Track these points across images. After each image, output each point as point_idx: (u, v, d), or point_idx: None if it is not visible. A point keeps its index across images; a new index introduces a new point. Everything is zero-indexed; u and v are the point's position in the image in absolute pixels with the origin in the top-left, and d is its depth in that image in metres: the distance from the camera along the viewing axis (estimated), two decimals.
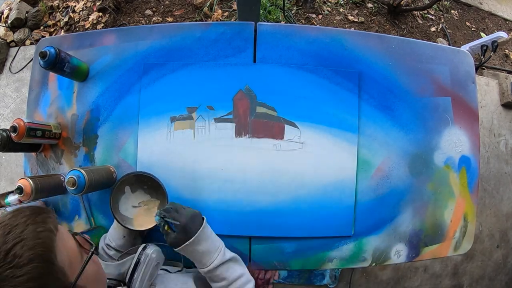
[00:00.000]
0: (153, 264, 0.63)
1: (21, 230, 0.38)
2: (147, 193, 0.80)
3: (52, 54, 0.77)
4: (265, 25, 0.87)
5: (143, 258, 0.63)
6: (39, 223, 0.40)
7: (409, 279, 1.79)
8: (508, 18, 2.50)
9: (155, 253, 0.64)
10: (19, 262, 0.36)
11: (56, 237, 0.41)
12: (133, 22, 1.99)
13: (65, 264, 0.41)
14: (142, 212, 0.78)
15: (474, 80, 0.94)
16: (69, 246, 0.43)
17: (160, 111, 0.85)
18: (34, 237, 0.38)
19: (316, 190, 0.83)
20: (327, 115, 0.84)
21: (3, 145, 0.82)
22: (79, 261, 0.44)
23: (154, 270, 0.63)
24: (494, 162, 1.98)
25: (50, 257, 0.38)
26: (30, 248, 0.37)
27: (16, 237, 0.37)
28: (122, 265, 0.64)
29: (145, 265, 0.62)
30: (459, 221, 0.91)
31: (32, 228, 0.39)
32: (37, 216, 0.41)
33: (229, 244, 0.82)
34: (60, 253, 0.40)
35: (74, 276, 0.42)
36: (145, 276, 0.61)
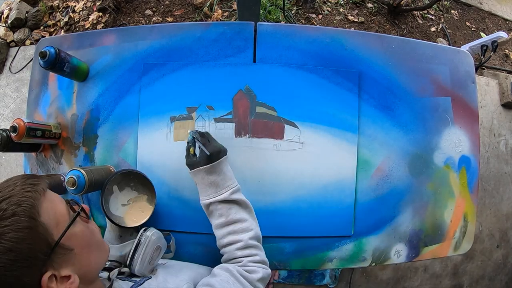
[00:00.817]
0: (153, 246, 0.63)
1: (10, 189, 0.41)
2: (134, 190, 0.80)
3: (52, 54, 0.77)
4: (265, 25, 0.87)
5: (143, 239, 0.64)
6: (28, 184, 0.43)
7: (409, 279, 1.79)
8: (508, 18, 2.50)
9: (155, 235, 0.65)
10: (3, 215, 0.39)
11: (42, 197, 0.43)
12: (133, 22, 1.99)
13: (50, 223, 0.42)
14: (132, 209, 0.79)
15: (474, 80, 0.94)
16: (57, 208, 0.45)
17: (160, 111, 0.85)
18: (20, 194, 0.41)
19: (316, 190, 0.83)
20: (327, 115, 0.84)
21: (3, 145, 0.82)
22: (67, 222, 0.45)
23: (155, 253, 0.64)
24: (494, 162, 1.98)
25: (33, 213, 0.40)
26: (14, 204, 0.40)
27: (4, 195, 0.40)
28: (124, 247, 0.66)
29: (145, 246, 0.63)
30: (459, 221, 0.91)
31: (20, 187, 0.42)
32: (27, 179, 0.44)
33: None
34: (45, 211, 0.42)
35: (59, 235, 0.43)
36: (145, 257, 0.62)
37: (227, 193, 0.67)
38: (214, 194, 0.67)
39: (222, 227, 0.68)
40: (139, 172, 0.78)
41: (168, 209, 0.83)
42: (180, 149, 0.83)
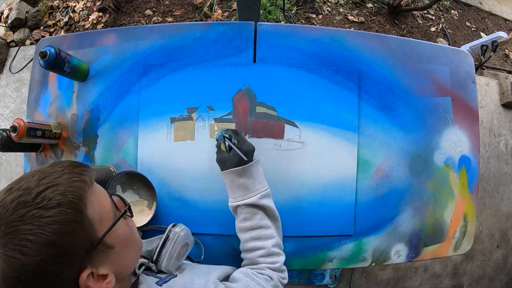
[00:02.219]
0: (182, 242, 0.62)
1: (56, 176, 0.38)
2: (135, 193, 0.80)
3: (52, 54, 0.77)
4: (265, 25, 0.87)
5: (172, 235, 0.63)
6: (75, 173, 0.40)
7: (409, 279, 1.79)
8: (508, 18, 2.50)
9: (183, 231, 0.64)
10: (48, 204, 0.36)
11: (89, 189, 0.41)
12: (133, 22, 1.99)
13: (95, 218, 0.40)
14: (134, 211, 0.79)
15: (474, 80, 0.94)
16: (102, 202, 0.43)
17: (160, 112, 0.85)
18: (67, 184, 0.38)
19: (316, 189, 0.83)
20: (327, 114, 0.84)
21: (3, 145, 0.82)
22: (111, 219, 0.43)
23: (183, 250, 0.63)
24: (494, 162, 1.98)
25: (80, 206, 0.38)
26: (61, 193, 0.37)
27: (49, 181, 0.37)
28: (151, 242, 0.64)
29: (174, 243, 0.61)
30: (459, 221, 0.91)
31: (67, 176, 0.39)
32: (74, 167, 0.41)
33: (229, 244, 0.82)
34: (91, 205, 0.40)
35: (103, 231, 0.41)
36: (173, 254, 0.61)
37: (255, 197, 0.66)
38: (243, 197, 0.67)
39: (246, 231, 0.67)
40: (143, 176, 0.78)
41: (168, 209, 0.83)
42: (180, 150, 0.83)
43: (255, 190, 0.67)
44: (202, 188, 0.82)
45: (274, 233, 0.68)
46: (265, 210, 0.68)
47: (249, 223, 0.67)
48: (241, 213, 0.68)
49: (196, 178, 0.83)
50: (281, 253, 0.68)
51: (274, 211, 0.69)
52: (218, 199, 0.82)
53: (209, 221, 0.82)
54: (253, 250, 0.66)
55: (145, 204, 0.80)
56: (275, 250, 0.66)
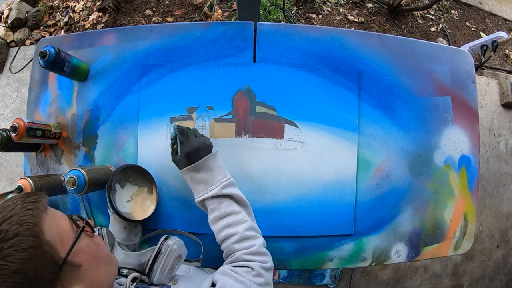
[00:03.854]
0: (174, 255, 0.62)
1: (10, 209, 0.39)
2: (134, 184, 0.80)
3: (52, 54, 0.77)
4: (265, 25, 0.87)
5: (164, 248, 0.62)
6: (28, 202, 0.41)
7: (409, 279, 1.79)
8: (508, 18, 2.50)
9: (176, 244, 0.63)
10: (5, 236, 0.37)
11: (44, 215, 0.41)
12: (133, 22, 1.99)
13: (55, 240, 0.41)
14: (137, 203, 0.79)
15: (474, 80, 0.94)
16: (61, 224, 0.43)
17: (160, 112, 0.85)
18: (21, 214, 0.39)
19: (316, 189, 0.83)
20: (327, 114, 0.84)
21: (3, 145, 0.82)
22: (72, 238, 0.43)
23: (175, 262, 0.62)
24: (494, 162, 1.98)
25: (36, 231, 0.39)
26: (16, 223, 0.38)
27: (4, 216, 0.39)
28: (143, 255, 0.63)
29: (166, 256, 0.61)
30: (459, 220, 0.91)
31: (21, 206, 0.40)
32: (27, 197, 0.42)
33: None
34: (48, 229, 0.40)
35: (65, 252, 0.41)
36: (165, 267, 0.60)
37: (217, 188, 0.66)
38: (205, 191, 0.67)
39: (216, 221, 0.67)
40: (135, 165, 0.79)
41: (168, 209, 0.83)
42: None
43: (216, 182, 0.67)
44: None
45: (246, 217, 0.67)
46: (231, 198, 0.67)
47: (217, 213, 0.66)
48: (208, 205, 0.67)
49: None
50: (257, 236, 0.66)
51: (241, 197, 0.68)
52: None
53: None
54: (227, 238, 0.65)
55: (145, 191, 0.80)
56: (249, 233, 0.65)
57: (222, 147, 0.83)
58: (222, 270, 0.61)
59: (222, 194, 0.66)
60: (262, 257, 0.63)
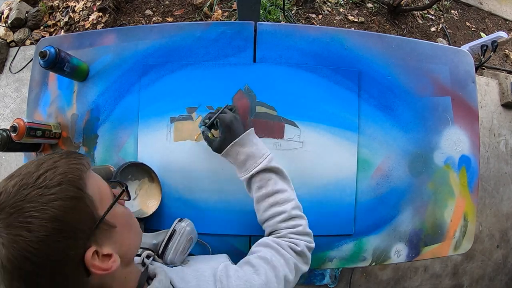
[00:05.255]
0: (187, 236, 0.63)
1: (55, 160, 0.40)
2: (134, 180, 0.80)
3: (52, 54, 0.77)
4: (265, 25, 0.87)
5: (178, 229, 0.63)
6: (72, 157, 0.42)
7: (409, 279, 1.79)
8: (508, 18, 2.50)
9: (189, 226, 0.65)
10: (49, 184, 0.37)
11: (88, 171, 0.42)
12: (133, 22, 1.99)
13: (95, 197, 0.41)
14: (143, 198, 0.80)
15: (474, 80, 0.94)
16: (101, 184, 0.44)
17: (160, 112, 0.85)
18: (66, 166, 0.39)
19: (316, 189, 0.83)
20: (327, 114, 0.84)
21: (3, 145, 0.82)
22: (109, 199, 0.44)
23: (187, 244, 0.64)
24: (494, 162, 1.98)
25: (80, 184, 0.39)
26: (60, 173, 0.38)
27: (48, 165, 0.39)
28: (157, 236, 0.65)
29: (180, 236, 0.62)
30: (459, 220, 0.91)
31: (65, 160, 0.40)
32: (71, 153, 0.43)
33: (229, 243, 0.82)
34: (91, 185, 0.41)
35: (103, 211, 0.42)
36: (178, 247, 0.62)
37: (265, 161, 0.66)
38: (254, 165, 0.66)
39: (263, 199, 0.66)
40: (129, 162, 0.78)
41: (169, 209, 0.83)
42: (180, 150, 0.83)
43: (262, 155, 0.66)
44: (202, 188, 0.82)
45: (292, 195, 0.66)
46: (277, 173, 0.67)
47: (264, 191, 0.65)
48: (254, 183, 0.66)
49: (196, 178, 0.83)
50: (303, 216, 0.66)
51: (285, 172, 0.68)
52: (218, 199, 0.82)
53: (210, 220, 0.82)
54: (274, 217, 0.64)
55: (146, 181, 0.81)
56: (296, 212, 0.64)
57: None
58: (265, 242, 0.61)
59: (269, 167, 0.66)
60: (307, 237, 0.64)
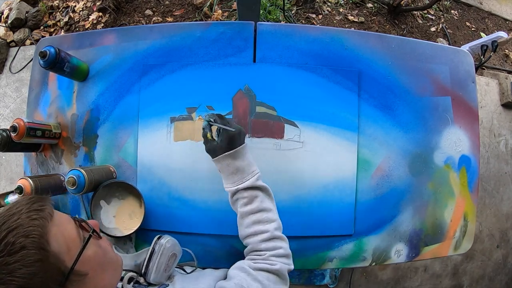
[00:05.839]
0: (168, 253, 0.62)
1: (15, 219, 0.38)
2: (121, 199, 0.80)
3: (52, 53, 0.77)
4: (265, 25, 0.87)
5: (157, 247, 0.62)
6: (33, 210, 0.40)
7: (409, 279, 1.79)
8: (508, 18, 2.50)
9: (169, 243, 0.64)
10: (11, 250, 0.36)
11: (50, 224, 0.40)
12: (133, 22, 1.99)
13: (62, 250, 0.40)
14: (124, 218, 0.79)
15: (474, 80, 0.94)
16: (67, 231, 0.42)
17: (160, 112, 0.85)
18: (27, 224, 0.38)
19: (316, 189, 0.83)
20: (327, 114, 0.84)
21: (3, 145, 0.82)
22: (78, 246, 0.42)
23: (170, 261, 0.63)
24: (494, 162, 1.98)
25: (43, 243, 0.38)
26: (22, 236, 0.37)
27: (9, 226, 0.37)
28: (138, 256, 0.64)
29: (160, 255, 0.61)
30: (459, 220, 0.91)
31: (26, 215, 0.39)
32: (32, 204, 0.41)
33: (229, 243, 0.82)
34: (55, 239, 0.40)
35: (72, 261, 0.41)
36: (160, 266, 0.61)
37: (253, 178, 0.65)
38: (241, 180, 0.65)
39: (247, 215, 0.65)
40: (121, 181, 0.79)
41: (168, 210, 0.83)
42: (180, 150, 0.83)
43: (251, 172, 0.66)
44: (202, 188, 0.82)
45: (275, 215, 0.67)
46: (263, 190, 0.67)
47: (250, 207, 0.65)
48: (241, 198, 0.66)
49: (196, 178, 0.83)
50: (284, 237, 0.66)
51: (270, 190, 0.68)
52: (218, 199, 0.82)
53: (209, 221, 0.82)
54: (256, 235, 0.64)
55: (133, 204, 0.80)
56: (278, 233, 0.64)
57: None
58: (241, 266, 0.60)
59: (256, 185, 0.65)
60: (286, 259, 0.64)
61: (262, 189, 0.67)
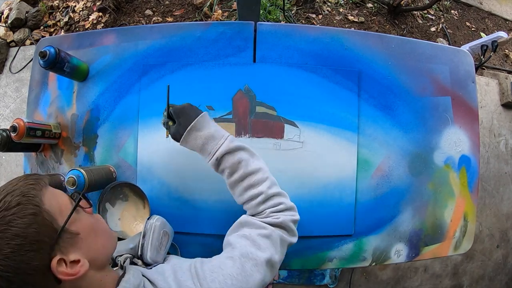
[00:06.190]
0: (160, 231, 0.64)
1: (13, 185, 0.44)
2: (124, 200, 0.80)
3: (52, 53, 0.77)
4: (265, 25, 0.87)
5: (149, 226, 0.64)
6: (29, 179, 0.45)
7: (409, 279, 1.79)
8: (508, 18, 2.50)
9: (158, 221, 0.66)
10: (8, 206, 0.41)
11: (44, 189, 0.45)
12: (133, 22, 1.99)
13: (54, 211, 0.44)
14: (129, 220, 0.79)
15: (474, 80, 0.94)
16: (60, 198, 0.47)
17: (160, 112, 0.84)
18: (23, 187, 0.43)
19: (316, 189, 0.83)
20: (327, 114, 0.84)
21: (3, 145, 0.82)
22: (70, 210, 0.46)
23: (164, 239, 0.65)
24: (494, 162, 1.98)
25: (36, 201, 0.42)
26: (18, 195, 0.42)
27: (7, 190, 0.43)
28: (131, 240, 0.66)
29: (152, 232, 0.63)
30: (459, 220, 0.91)
31: (23, 182, 0.44)
32: (30, 176, 0.46)
33: None
34: (48, 200, 0.44)
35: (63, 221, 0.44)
36: (154, 243, 0.62)
37: (226, 141, 0.63)
38: (216, 147, 0.63)
39: (237, 183, 0.63)
40: (125, 182, 0.79)
41: (168, 209, 0.83)
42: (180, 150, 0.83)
43: (222, 136, 0.64)
44: (202, 188, 0.82)
45: (265, 173, 0.64)
46: (244, 150, 0.64)
47: (236, 175, 0.62)
48: (225, 169, 0.64)
49: (196, 178, 0.83)
50: (281, 192, 0.64)
51: (249, 148, 0.65)
52: (218, 199, 0.82)
53: (209, 221, 0.82)
54: (251, 200, 0.62)
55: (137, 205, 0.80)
56: (273, 191, 0.62)
57: None
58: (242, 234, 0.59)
59: (233, 147, 0.63)
60: (290, 212, 0.63)
61: (241, 149, 0.64)
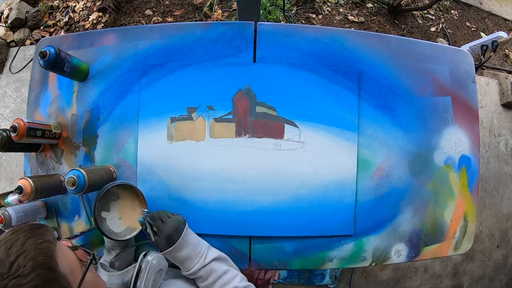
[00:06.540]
0: (155, 270, 0.64)
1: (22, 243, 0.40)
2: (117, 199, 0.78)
3: (52, 54, 0.77)
4: (265, 25, 0.87)
5: (144, 265, 0.64)
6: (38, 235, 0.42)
7: (409, 279, 1.79)
8: (508, 18, 2.50)
9: (156, 259, 0.65)
10: (24, 272, 0.38)
11: (56, 247, 0.43)
12: (133, 22, 1.99)
13: (67, 272, 0.42)
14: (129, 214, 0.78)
15: (474, 80, 0.94)
16: (69, 256, 0.46)
17: (160, 112, 0.85)
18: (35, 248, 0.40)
19: (316, 189, 0.83)
20: (327, 114, 0.84)
21: (3, 145, 0.82)
22: (79, 270, 0.46)
23: (158, 277, 0.65)
24: (494, 162, 1.98)
25: (52, 265, 0.40)
26: (32, 258, 0.39)
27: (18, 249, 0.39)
28: (125, 274, 0.66)
29: (147, 272, 0.63)
30: (459, 220, 0.91)
31: (32, 240, 0.41)
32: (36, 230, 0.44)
33: (229, 244, 0.82)
34: (61, 261, 0.42)
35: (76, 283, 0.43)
36: (148, 283, 0.62)
37: (201, 260, 0.69)
38: (191, 265, 0.69)
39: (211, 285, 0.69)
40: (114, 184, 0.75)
41: (168, 210, 0.82)
42: (180, 150, 0.83)
43: (198, 254, 0.69)
44: (202, 188, 0.82)
45: (234, 271, 0.71)
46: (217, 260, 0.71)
47: (211, 279, 0.69)
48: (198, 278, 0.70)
49: (196, 178, 0.83)
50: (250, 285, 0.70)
51: (222, 255, 0.73)
52: (218, 199, 0.82)
53: (209, 221, 0.82)
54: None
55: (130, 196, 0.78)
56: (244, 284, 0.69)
57: (222, 147, 0.83)
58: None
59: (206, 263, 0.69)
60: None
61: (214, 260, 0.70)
